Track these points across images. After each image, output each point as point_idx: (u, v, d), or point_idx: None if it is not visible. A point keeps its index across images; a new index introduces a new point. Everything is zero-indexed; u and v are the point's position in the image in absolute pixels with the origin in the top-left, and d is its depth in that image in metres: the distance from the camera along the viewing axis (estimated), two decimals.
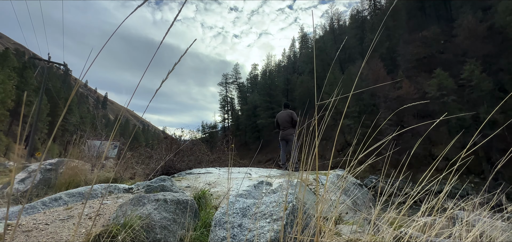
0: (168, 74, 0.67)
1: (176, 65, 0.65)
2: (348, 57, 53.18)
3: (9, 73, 42.48)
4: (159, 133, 76.25)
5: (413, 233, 1.37)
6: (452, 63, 34.98)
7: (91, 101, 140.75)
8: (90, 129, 6.16)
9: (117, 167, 4.59)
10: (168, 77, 0.66)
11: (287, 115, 5.97)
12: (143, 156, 6.07)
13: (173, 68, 0.66)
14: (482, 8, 38.10)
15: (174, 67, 0.66)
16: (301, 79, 55.89)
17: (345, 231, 1.89)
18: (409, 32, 44.84)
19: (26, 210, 2.28)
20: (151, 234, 1.74)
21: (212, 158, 7.49)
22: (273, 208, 1.76)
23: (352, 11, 62.00)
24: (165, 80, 0.67)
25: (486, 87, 28.34)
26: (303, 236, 1.16)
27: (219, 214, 1.85)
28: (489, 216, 1.66)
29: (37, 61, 20.14)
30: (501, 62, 30.91)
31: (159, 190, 2.79)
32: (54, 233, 1.77)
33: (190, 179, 4.09)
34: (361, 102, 37.24)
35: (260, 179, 3.54)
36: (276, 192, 2.38)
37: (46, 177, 3.85)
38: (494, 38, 32.92)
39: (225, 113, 72.19)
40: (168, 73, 0.67)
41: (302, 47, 73.65)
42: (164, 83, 0.66)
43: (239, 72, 74.31)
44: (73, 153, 4.51)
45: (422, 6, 49.92)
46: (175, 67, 0.66)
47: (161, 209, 1.93)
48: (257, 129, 56.49)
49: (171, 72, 0.67)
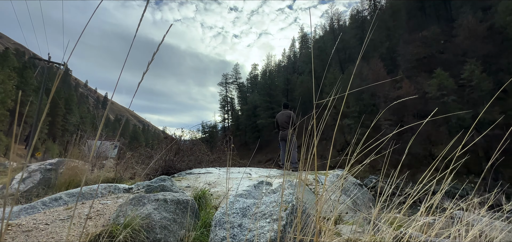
0: (148, 66, 0.66)
1: (154, 55, 0.64)
2: (348, 57, 53.21)
3: (9, 73, 42.49)
4: (159, 133, 76.27)
5: (413, 233, 1.37)
6: (452, 63, 34.98)
7: (91, 101, 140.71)
8: (90, 129, 6.16)
9: (117, 167, 4.59)
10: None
11: (287, 116, 5.98)
12: (143, 156, 6.07)
13: (152, 59, 0.65)
14: (482, 8, 38.12)
15: (153, 57, 0.65)
16: (301, 79, 55.91)
17: (345, 231, 1.89)
18: (409, 32, 44.83)
19: (26, 210, 2.28)
20: (151, 234, 1.75)
21: (212, 158, 7.48)
22: (273, 208, 1.76)
23: (352, 11, 62.07)
24: (145, 72, 0.66)
25: (486, 87, 28.35)
26: (303, 236, 1.16)
27: (219, 214, 1.85)
28: (488, 216, 1.67)
29: (37, 61, 20.15)
30: (501, 62, 30.92)
31: (159, 190, 2.79)
32: (54, 233, 1.77)
33: (190, 179, 4.09)
34: (361, 102, 37.23)
35: (260, 179, 3.54)
36: (276, 192, 2.38)
37: (46, 177, 3.85)
38: (494, 38, 32.92)
39: (225, 113, 72.22)
40: (148, 65, 0.66)
41: (302, 47, 73.66)
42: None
43: (239, 72, 74.39)
44: (73, 153, 4.51)
45: (422, 6, 49.92)
46: (158, 64, 0.66)
47: (161, 209, 1.93)
48: (257, 129, 56.50)
49: (150, 63, 0.66)
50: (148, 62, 0.64)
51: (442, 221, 1.23)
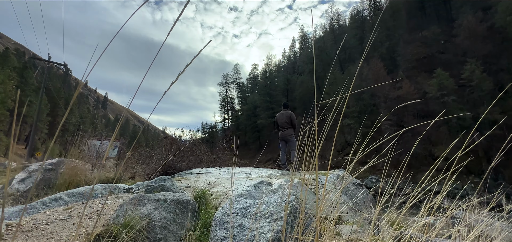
0: (178, 75, 0.66)
1: (187, 65, 0.64)
2: (348, 57, 53.18)
3: (9, 73, 42.50)
4: (159, 133, 76.25)
5: (414, 233, 1.36)
6: (452, 63, 34.98)
7: (91, 101, 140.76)
8: (90, 129, 6.16)
9: (117, 167, 4.59)
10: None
11: (287, 116, 5.98)
12: (143, 156, 6.07)
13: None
14: (482, 8, 38.10)
15: (185, 68, 0.65)
16: (301, 79, 55.90)
17: (346, 231, 1.89)
18: (409, 32, 44.83)
19: (26, 210, 2.28)
20: (151, 234, 1.74)
21: (212, 158, 7.49)
22: (273, 208, 1.76)
23: (352, 11, 62.07)
24: (174, 81, 0.67)
25: (486, 87, 28.34)
26: (304, 236, 1.16)
27: (219, 214, 1.85)
28: (489, 216, 1.66)
29: (37, 61, 20.15)
30: (501, 62, 30.91)
31: (159, 190, 2.79)
32: (54, 233, 1.77)
33: (190, 179, 4.09)
34: (361, 102, 37.24)
35: (260, 179, 3.54)
36: (276, 192, 2.38)
37: (46, 177, 3.85)
38: (494, 38, 32.91)
39: (225, 113, 72.22)
40: (178, 75, 0.66)
41: (302, 47, 73.67)
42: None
43: (239, 72, 74.41)
44: (73, 153, 4.51)
45: (422, 6, 49.92)
46: (186, 68, 0.66)
47: (161, 209, 1.93)
48: (257, 129, 56.51)
49: (181, 74, 0.66)
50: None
51: (443, 222, 1.23)
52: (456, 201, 1.68)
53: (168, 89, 0.67)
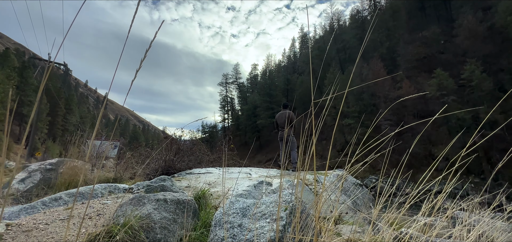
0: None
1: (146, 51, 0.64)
2: (348, 57, 53.17)
3: (9, 73, 42.49)
4: (159, 133, 76.22)
5: (414, 233, 1.36)
6: (452, 63, 34.96)
7: (91, 101, 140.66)
8: (90, 129, 6.16)
9: (117, 167, 4.59)
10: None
11: (287, 116, 5.97)
12: (143, 156, 6.06)
13: (145, 56, 0.65)
14: (482, 8, 38.10)
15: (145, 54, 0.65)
16: (301, 79, 55.89)
17: (345, 231, 1.89)
18: (409, 32, 44.80)
19: (26, 210, 2.28)
20: (151, 234, 1.74)
21: (212, 158, 7.47)
22: (273, 208, 1.76)
23: (352, 11, 62.05)
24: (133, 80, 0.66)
25: (486, 87, 28.32)
26: (303, 236, 1.16)
27: (219, 214, 1.85)
28: (489, 216, 1.66)
29: (37, 61, 20.14)
30: (501, 62, 30.89)
31: (159, 190, 2.79)
32: (54, 233, 1.76)
33: (190, 179, 4.09)
34: (361, 102, 37.23)
35: (260, 179, 3.54)
36: (276, 192, 2.38)
37: (46, 177, 3.85)
38: (494, 38, 32.90)
39: (225, 113, 72.21)
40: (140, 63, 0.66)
41: (302, 47, 73.67)
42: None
43: (239, 72, 74.42)
44: (73, 153, 4.51)
45: (422, 6, 49.90)
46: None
47: (161, 209, 1.93)
48: (257, 129, 56.50)
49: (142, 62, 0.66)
50: (146, 63, 0.63)
51: (443, 222, 1.23)
52: (456, 201, 1.68)
53: (134, 78, 0.66)
